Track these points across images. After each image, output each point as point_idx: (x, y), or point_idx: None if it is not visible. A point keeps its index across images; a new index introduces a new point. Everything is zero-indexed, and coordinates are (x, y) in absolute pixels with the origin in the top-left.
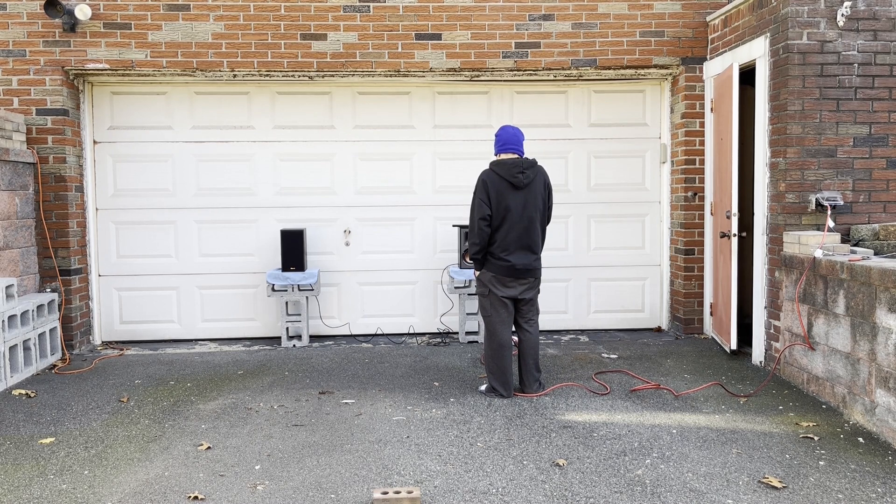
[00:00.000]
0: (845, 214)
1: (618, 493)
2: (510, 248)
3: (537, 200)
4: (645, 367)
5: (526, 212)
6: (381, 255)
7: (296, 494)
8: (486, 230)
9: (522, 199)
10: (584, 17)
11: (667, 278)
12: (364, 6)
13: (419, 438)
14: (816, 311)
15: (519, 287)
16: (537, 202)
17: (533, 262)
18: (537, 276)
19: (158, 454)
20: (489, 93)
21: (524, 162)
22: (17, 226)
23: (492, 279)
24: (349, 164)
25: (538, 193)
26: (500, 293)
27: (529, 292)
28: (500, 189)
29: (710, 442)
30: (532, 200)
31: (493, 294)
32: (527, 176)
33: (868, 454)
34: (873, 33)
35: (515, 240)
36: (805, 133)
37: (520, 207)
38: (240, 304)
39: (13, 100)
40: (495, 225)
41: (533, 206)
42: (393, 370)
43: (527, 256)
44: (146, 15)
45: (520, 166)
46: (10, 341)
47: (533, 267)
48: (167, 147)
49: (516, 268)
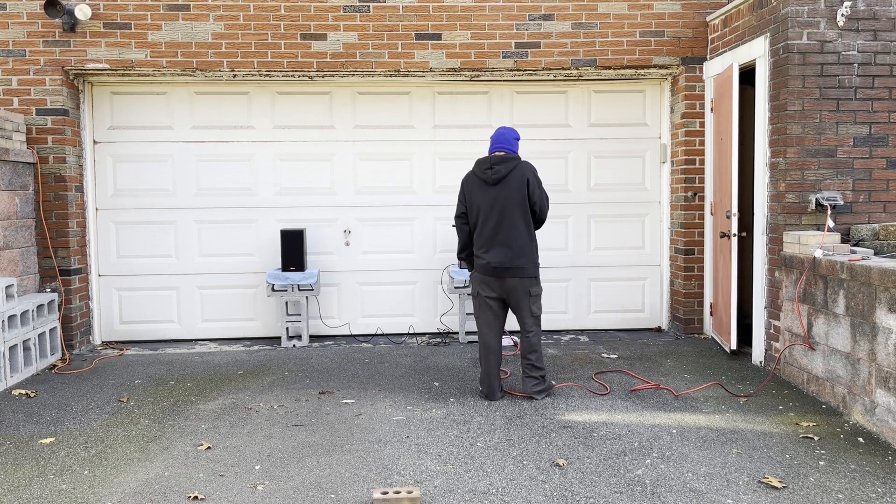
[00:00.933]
0: (845, 214)
1: (618, 493)
2: (486, 246)
3: (513, 195)
4: (645, 367)
5: (498, 208)
6: (381, 255)
7: (296, 494)
8: (464, 228)
9: (494, 195)
10: (584, 17)
11: (667, 278)
12: (364, 6)
13: (419, 438)
14: (816, 311)
15: (501, 288)
16: (513, 197)
17: (512, 260)
18: (521, 275)
19: (158, 454)
20: (489, 93)
21: (494, 158)
22: (17, 226)
23: (477, 279)
24: (349, 164)
25: (514, 189)
26: (483, 293)
27: (516, 295)
28: (473, 187)
29: (710, 442)
30: (506, 196)
31: (480, 295)
32: (496, 171)
33: (868, 454)
34: (873, 33)
35: (490, 237)
36: (805, 133)
37: (492, 204)
38: (240, 304)
39: (13, 100)
40: (472, 223)
41: (507, 202)
42: (393, 370)
43: (504, 253)
44: (146, 15)
45: (488, 162)
46: (10, 341)
47: (513, 266)
48: (167, 147)
49: (493, 265)
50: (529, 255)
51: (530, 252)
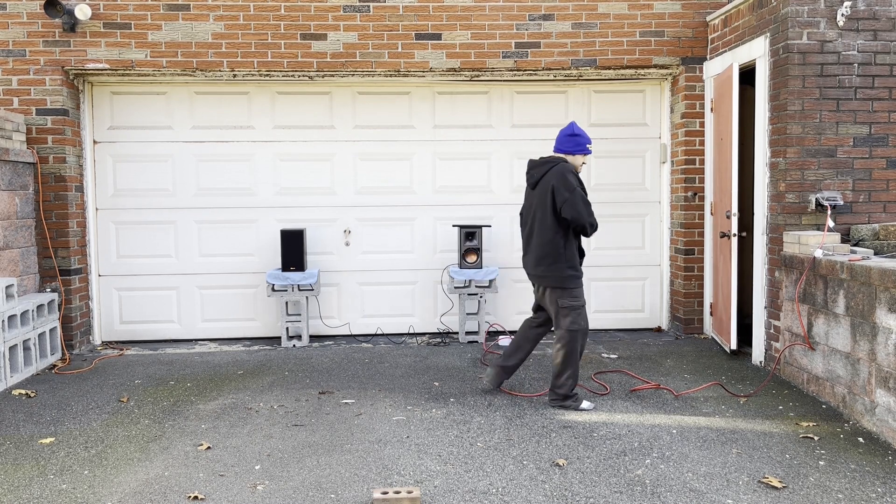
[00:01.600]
0: (845, 214)
1: (618, 493)
2: (523, 250)
3: (544, 200)
4: (645, 367)
5: (531, 212)
6: (381, 255)
7: (296, 494)
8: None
9: (532, 199)
10: (584, 16)
11: (667, 278)
12: (364, 6)
13: (419, 438)
14: (816, 311)
15: (537, 291)
16: (544, 202)
17: (534, 267)
18: (545, 284)
19: (158, 454)
20: (489, 93)
21: (534, 161)
22: (17, 226)
23: None
24: (349, 164)
25: (544, 194)
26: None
27: (545, 302)
28: (526, 190)
29: (710, 442)
30: (539, 201)
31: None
32: (531, 176)
33: (868, 454)
34: (873, 33)
35: (525, 241)
36: (805, 133)
37: (529, 208)
38: (240, 304)
39: (13, 100)
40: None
41: (538, 207)
42: (393, 370)
43: (528, 260)
44: (146, 15)
45: (529, 165)
46: (10, 341)
47: (535, 273)
48: (167, 147)
49: (527, 270)
50: (551, 263)
51: (553, 261)
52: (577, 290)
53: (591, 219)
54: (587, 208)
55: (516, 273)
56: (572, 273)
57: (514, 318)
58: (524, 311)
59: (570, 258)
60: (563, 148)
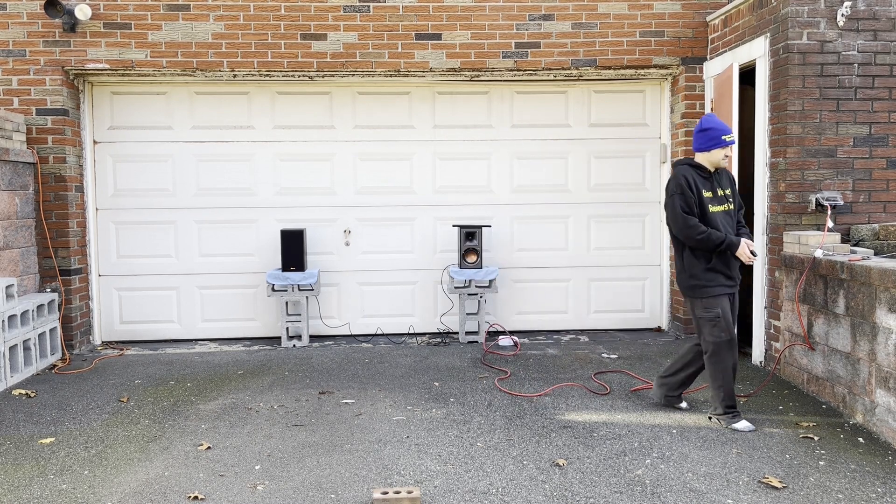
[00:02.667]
0: (845, 214)
1: (618, 493)
2: None
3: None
4: (645, 367)
5: None
6: (380, 255)
7: (296, 494)
8: None
9: None
10: (584, 17)
11: (667, 278)
12: (364, 6)
13: (419, 438)
14: (816, 311)
15: None
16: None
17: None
18: (685, 294)
19: (158, 454)
20: (489, 93)
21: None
22: (17, 226)
23: None
24: (349, 164)
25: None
26: None
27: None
28: None
29: (710, 442)
30: None
31: None
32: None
33: (868, 454)
34: (873, 33)
35: None
36: (805, 133)
37: None
38: (240, 304)
39: (13, 100)
40: None
41: None
42: (393, 370)
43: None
44: (146, 15)
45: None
46: (10, 341)
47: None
48: (167, 147)
49: None
50: (678, 273)
51: (679, 270)
52: (708, 300)
53: (688, 230)
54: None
55: (516, 273)
56: (695, 283)
57: (514, 318)
58: (524, 311)
59: (691, 266)
60: (695, 146)
